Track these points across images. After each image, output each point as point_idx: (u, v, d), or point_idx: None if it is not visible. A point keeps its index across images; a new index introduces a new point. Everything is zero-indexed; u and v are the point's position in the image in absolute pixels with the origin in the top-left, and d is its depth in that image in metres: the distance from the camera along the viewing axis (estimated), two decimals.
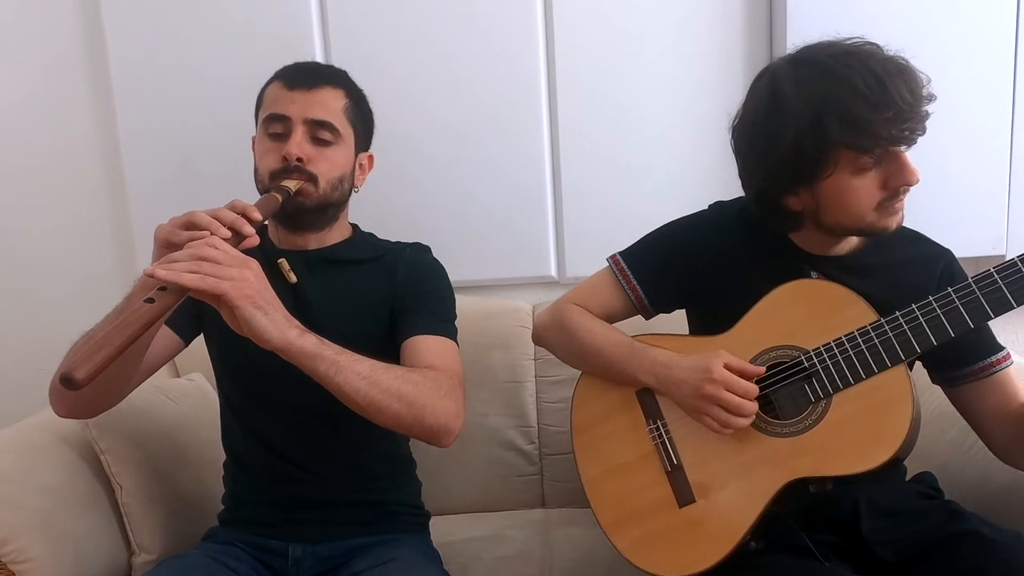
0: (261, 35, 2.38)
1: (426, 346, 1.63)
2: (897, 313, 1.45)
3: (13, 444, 1.81)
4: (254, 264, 1.33)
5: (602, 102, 2.43)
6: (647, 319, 1.81)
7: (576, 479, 1.77)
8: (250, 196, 1.70)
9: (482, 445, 2.29)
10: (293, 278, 1.49)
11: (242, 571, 1.62)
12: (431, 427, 1.50)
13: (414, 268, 1.76)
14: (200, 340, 1.80)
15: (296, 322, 1.38)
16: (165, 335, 1.68)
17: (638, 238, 1.79)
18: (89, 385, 1.48)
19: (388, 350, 1.65)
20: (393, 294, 1.72)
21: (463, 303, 1.83)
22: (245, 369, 1.71)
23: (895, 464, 1.56)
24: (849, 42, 1.45)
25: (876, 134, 1.39)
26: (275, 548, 1.69)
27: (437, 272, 1.80)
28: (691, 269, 1.69)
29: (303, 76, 1.70)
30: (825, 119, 1.40)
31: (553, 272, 2.51)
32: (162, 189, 2.47)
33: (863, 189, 1.46)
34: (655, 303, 1.76)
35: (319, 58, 2.39)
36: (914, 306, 1.44)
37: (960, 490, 1.69)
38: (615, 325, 1.78)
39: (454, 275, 1.81)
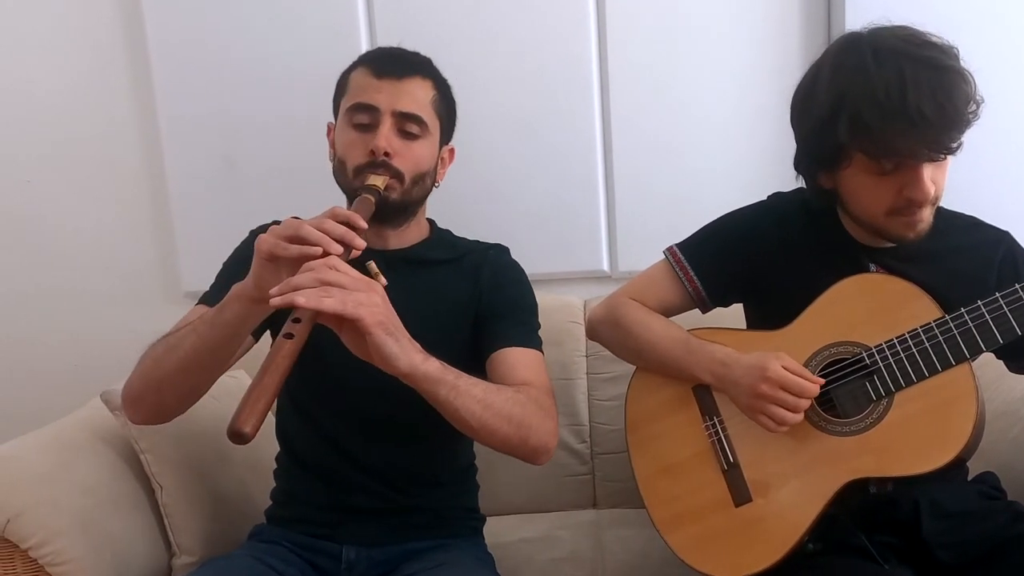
0: (305, 22, 2.40)
1: (518, 360, 1.66)
2: (963, 310, 1.46)
3: (51, 443, 1.84)
4: (379, 287, 1.35)
5: (656, 89, 2.43)
6: (704, 312, 1.83)
7: (628, 479, 1.80)
8: (294, 189, 1.73)
9: None
10: (383, 281, 1.47)
11: (290, 573, 1.64)
12: (534, 447, 1.55)
13: (500, 273, 1.78)
14: None
15: (418, 346, 1.39)
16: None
17: (694, 231, 1.82)
18: (172, 399, 1.58)
19: (469, 354, 1.68)
20: (479, 299, 1.74)
21: None
22: (323, 376, 1.70)
23: (958, 464, 1.57)
24: (910, 39, 1.43)
25: (885, 144, 1.41)
26: (328, 550, 1.71)
27: (522, 278, 1.82)
28: (750, 261, 1.71)
29: (392, 64, 1.68)
30: (839, 116, 1.43)
31: (605, 266, 2.53)
32: (203, 182, 2.51)
33: (876, 192, 1.48)
34: (713, 296, 1.79)
35: (364, 41, 2.41)
36: (980, 303, 1.45)
37: None
38: (673, 319, 1.80)
39: None
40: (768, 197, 1.79)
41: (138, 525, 1.84)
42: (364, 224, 1.43)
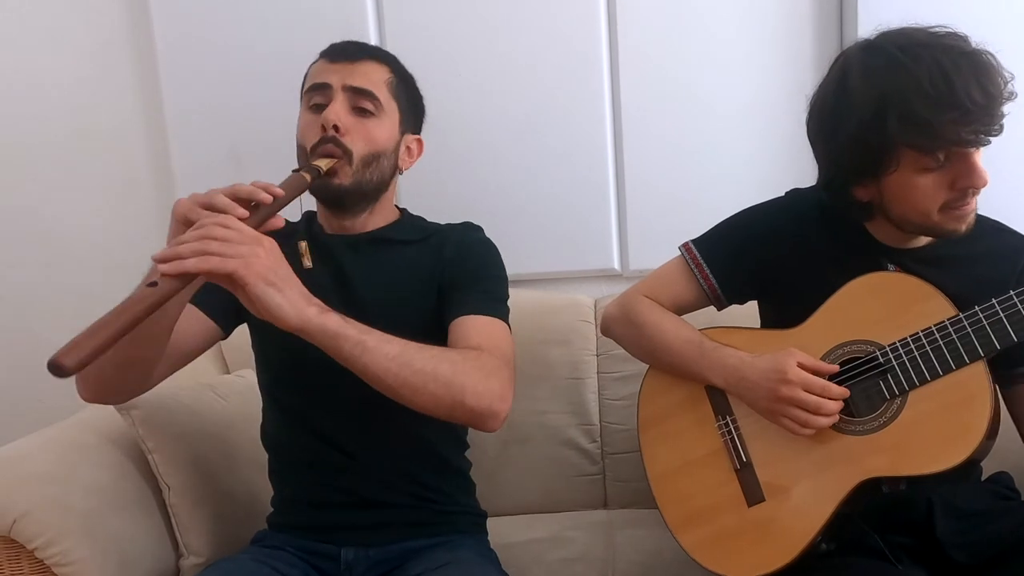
0: (313, 17, 2.41)
1: (474, 327, 1.63)
2: (976, 308, 1.46)
3: (57, 443, 1.86)
4: (267, 241, 1.30)
5: (667, 85, 2.44)
6: (719, 310, 1.84)
7: (640, 479, 1.81)
8: None
9: (542, 444, 2.30)
10: (307, 263, 1.49)
11: (293, 575, 1.65)
12: (472, 409, 1.48)
13: (464, 246, 1.76)
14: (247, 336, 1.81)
15: (317, 301, 1.35)
16: (198, 318, 1.68)
17: (706, 228, 1.82)
18: (110, 369, 1.50)
19: (437, 331, 1.66)
20: (441, 272, 1.72)
21: (521, 297, 1.85)
22: (285, 357, 1.71)
23: (972, 464, 1.58)
24: (928, 31, 1.44)
25: (939, 135, 1.39)
26: (326, 552, 1.71)
27: (488, 249, 1.80)
28: (766, 258, 1.71)
29: (346, 49, 1.72)
30: (887, 115, 1.41)
31: (616, 265, 2.53)
32: (210, 177, 2.43)
33: (928, 189, 1.46)
34: (729, 293, 1.79)
35: (373, 39, 2.41)
36: (994, 300, 1.45)
37: None
38: (686, 317, 1.81)
39: (511, 268, 1.82)
40: (786, 194, 1.79)
41: (145, 525, 1.84)
42: (281, 192, 1.40)
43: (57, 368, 1.07)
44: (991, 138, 1.41)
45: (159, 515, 1.89)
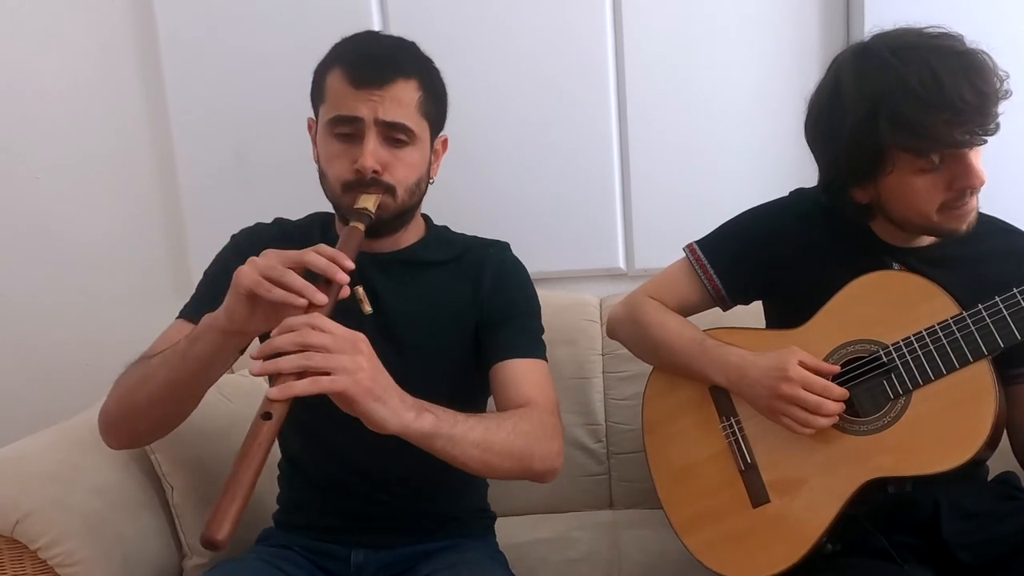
0: (317, 17, 2.41)
1: (522, 373, 1.62)
2: (980, 306, 1.46)
3: (60, 443, 1.86)
4: (364, 345, 1.27)
5: (672, 84, 2.44)
6: (724, 310, 1.85)
7: (645, 479, 1.82)
8: (306, 184, 1.70)
9: None
10: (368, 309, 1.40)
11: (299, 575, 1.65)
12: (538, 472, 1.52)
13: (501, 276, 1.72)
14: None
15: (410, 401, 1.32)
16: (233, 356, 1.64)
17: (711, 228, 1.83)
18: (145, 425, 1.54)
19: (471, 362, 1.68)
20: (481, 305, 1.69)
21: None
22: None
23: (977, 464, 1.58)
24: (920, 31, 1.44)
25: (931, 137, 1.39)
26: (335, 553, 1.71)
27: (524, 279, 1.76)
28: (771, 259, 1.72)
29: (371, 70, 1.56)
30: (878, 118, 1.41)
31: (621, 264, 2.53)
32: (214, 178, 2.53)
33: (925, 190, 1.47)
34: (733, 294, 1.80)
35: None
36: (997, 298, 1.45)
37: None
38: (692, 318, 1.81)
39: None
40: (790, 193, 1.79)
41: (149, 526, 1.84)
42: (352, 265, 1.34)
43: (212, 545, 1.07)
44: (987, 137, 1.42)
45: (162, 515, 1.89)
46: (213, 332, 1.38)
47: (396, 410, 1.28)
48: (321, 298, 1.28)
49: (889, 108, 1.40)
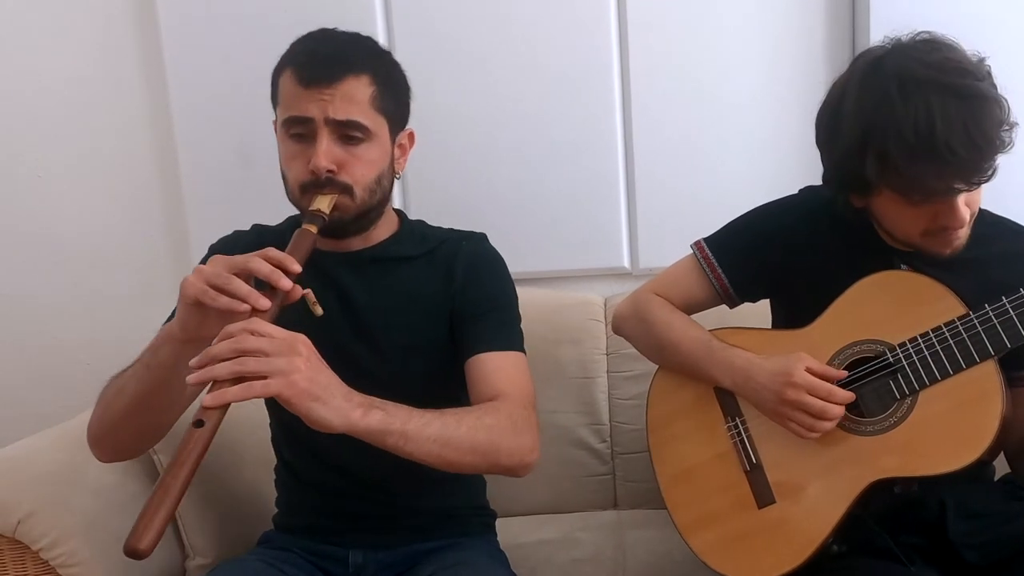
0: (320, 17, 2.34)
1: (496, 366, 1.60)
2: (986, 306, 1.46)
3: (61, 443, 1.86)
4: (302, 345, 1.27)
5: (677, 81, 2.43)
6: (731, 308, 1.85)
7: (650, 479, 1.82)
8: None
9: (551, 444, 2.25)
10: (319, 311, 1.41)
11: None
12: (506, 467, 1.50)
13: (474, 268, 1.71)
14: None
15: (358, 397, 1.32)
16: None
17: (716, 227, 1.82)
18: (128, 438, 1.55)
19: (448, 357, 1.67)
20: (452, 298, 1.68)
21: (530, 296, 1.84)
22: None
23: (984, 464, 1.58)
24: (938, 57, 1.40)
25: (914, 186, 1.39)
26: (334, 554, 1.71)
27: (499, 271, 1.75)
28: (778, 257, 1.72)
29: (320, 70, 1.55)
30: (867, 153, 1.40)
31: (626, 263, 2.53)
32: (216, 178, 2.52)
33: (908, 219, 1.48)
34: (740, 292, 1.80)
35: (381, 35, 2.38)
36: (1004, 299, 1.45)
37: None
38: (697, 316, 1.82)
39: (520, 267, 1.81)
40: (799, 191, 1.79)
41: None
42: (298, 268, 1.36)
43: (135, 554, 1.08)
44: (973, 187, 1.41)
45: None
46: (171, 342, 1.40)
47: (339, 409, 1.27)
48: (264, 303, 1.30)
49: (879, 146, 1.39)
